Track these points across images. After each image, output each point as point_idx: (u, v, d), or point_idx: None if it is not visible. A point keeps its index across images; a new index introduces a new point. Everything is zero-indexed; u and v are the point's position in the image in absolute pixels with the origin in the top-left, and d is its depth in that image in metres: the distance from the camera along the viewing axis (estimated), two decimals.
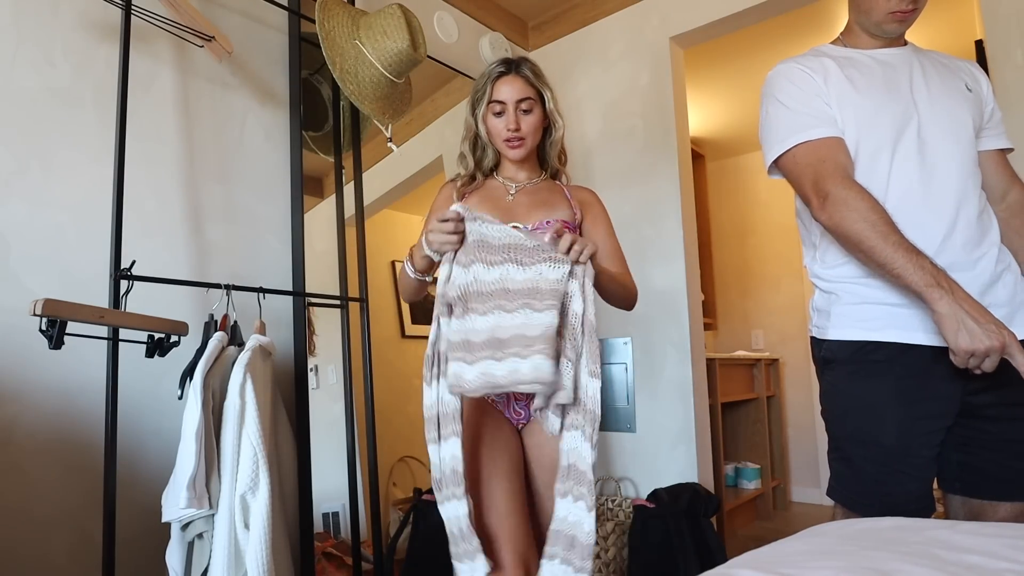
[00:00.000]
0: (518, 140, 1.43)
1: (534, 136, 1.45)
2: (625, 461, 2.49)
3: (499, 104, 1.42)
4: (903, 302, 1.16)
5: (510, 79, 1.42)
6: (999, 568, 0.68)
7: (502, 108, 1.42)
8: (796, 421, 4.12)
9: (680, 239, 2.43)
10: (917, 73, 1.26)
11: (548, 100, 1.45)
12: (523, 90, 1.42)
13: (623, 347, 2.53)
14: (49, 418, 1.42)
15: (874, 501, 1.18)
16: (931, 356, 1.15)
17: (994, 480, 1.18)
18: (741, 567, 0.73)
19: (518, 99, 1.41)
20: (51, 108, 1.49)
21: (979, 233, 1.19)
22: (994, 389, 1.16)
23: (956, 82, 1.28)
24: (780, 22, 2.73)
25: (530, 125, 1.43)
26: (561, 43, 2.85)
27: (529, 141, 1.44)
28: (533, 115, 1.44)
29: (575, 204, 1.49)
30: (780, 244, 4.24)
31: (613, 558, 2.04)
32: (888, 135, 1.21)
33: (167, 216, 1.67)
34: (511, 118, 1.41)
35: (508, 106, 1.41)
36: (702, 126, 3.98)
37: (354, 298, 1.96)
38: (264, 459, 1.37)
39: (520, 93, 1.42)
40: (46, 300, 1.16)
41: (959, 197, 1.19)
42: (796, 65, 1.29)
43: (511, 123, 1.41)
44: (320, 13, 1.74)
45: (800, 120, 1.24)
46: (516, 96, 1.41)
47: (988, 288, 1.16)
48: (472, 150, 1.50)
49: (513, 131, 1.42)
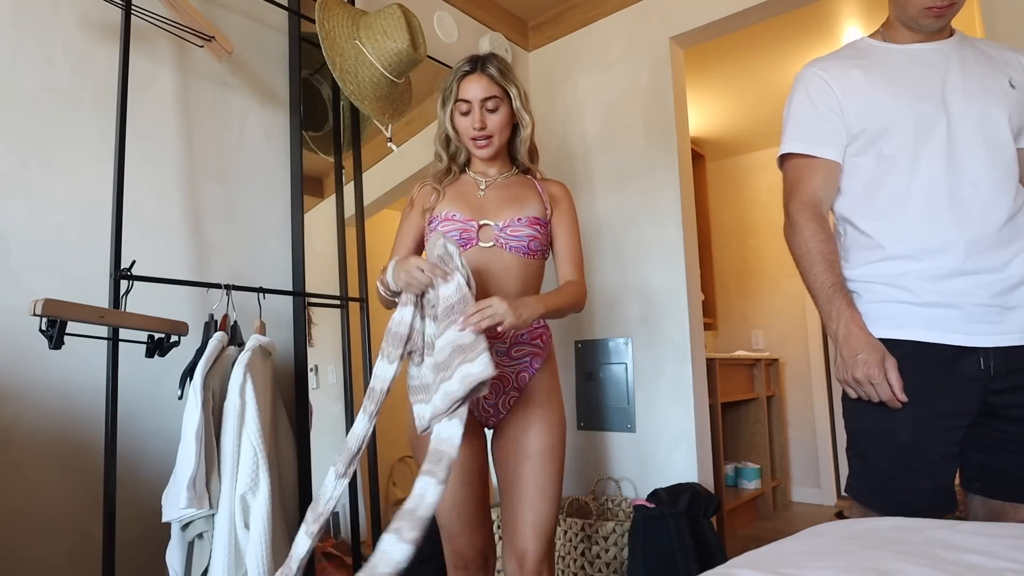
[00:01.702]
0: (484, 139, 1.44)
1: (501, 134, 1.46)
2: (625, 461, 2.49)
3: (465, 103, 1.43)
4: (923, 301, 1.17)
5: (475, 77, 1.42)
6: (999, 568, 0.68)
7: (468, 107, 1.43)
8: (796, 421, 4.12)
9: (680, 239, 2.43)
10: (955, 70, 1.24)
11: (515, 98, 1.45)
12: (488, 88, 1.42)
13: (623, 347, 2.53)
14: (49, 418, 1.42)
15: (888, 498, 1.18)
16: (951, 355, 1.16)
17: (1015, 482, 1.18)
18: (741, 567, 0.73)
19: (483, 97, 1.42)
20: (51, 108, 1.49)
21: (1010, 236, 1.18)
22: (1017, 390, 1.16)
23: (999, 78, 1.25)
24: (780, 22, 2.74)
25: (496, 123, 1.44)
26: (561, 43, 2.85)
27: (496, 139, 1.45)
28: (499, 113, 1.43)
29: (546, 199, 1.50)
30: (780, 244, 4.20)
31: (613, 558, 2.04)
32: (912, 138, 1.21)
33: (167, 216, 1.67)
34: (476, 117, 1.42)
35: (474, 104, 1.42)
36: (702, 126, 3.98)
37: (354, 298, 1.96)
38: (264, 459, 1.37)
39: (485, 91, 1.42)
40: (46, 300, 1.16)
41: (987, 201, 1.18)
42: (818, 72, 1.32)
43: (476, 122, 1.42)
44: (320, 13, 1.74)
45: (799, 132, 1.32)
46: (481, 94, 1.41)
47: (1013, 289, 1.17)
48: (445, 147, 1.51)
49: (479, 129, 1.42)
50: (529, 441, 1.38)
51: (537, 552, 1.34)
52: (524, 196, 1.48)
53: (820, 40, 3.03)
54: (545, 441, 1.38)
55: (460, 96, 1.43)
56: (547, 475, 1.37)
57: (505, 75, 1.44)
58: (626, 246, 2.55)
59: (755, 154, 4.40)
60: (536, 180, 1.54)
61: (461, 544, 1.40)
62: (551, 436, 1.39)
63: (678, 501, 2.00)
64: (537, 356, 1.43)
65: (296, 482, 1.67)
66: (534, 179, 1.54)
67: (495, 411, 1.43)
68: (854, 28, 2.95)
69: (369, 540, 1.90)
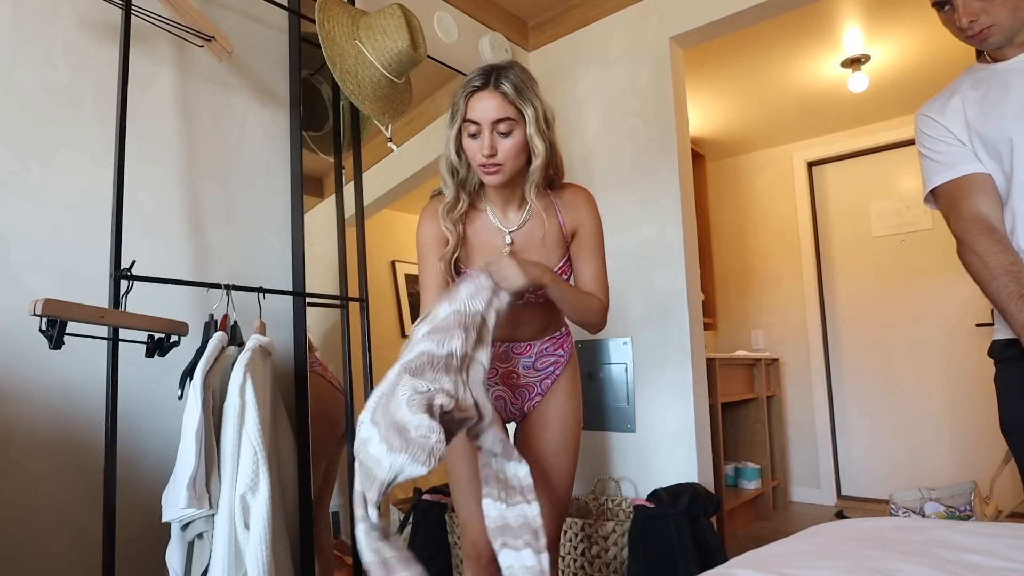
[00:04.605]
0: (494, 167, 1.26)
1: (514, 161, 1.27)
2: (625, 461, 2.49)
3: (474, 124, 1.25)
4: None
5: (487, 95, 1.23)
6: (999, 567, 0.68)
7: (477, 129, 1.25)
8: (796, 421, 4.12)
9: (680, 239, 2.43)
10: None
11: (530, 122, 1.25)
12: (500, 109, 1.23)
13: (623, 347, 2.53)
14: (49, 418, 1.42)
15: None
16: None
17: None
18: (741, 567, 0.73)
19: (494, 119, 1.23)
20: (51, 108, 1.49)
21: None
22: None
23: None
24: (780, 22, 2.73)
25: (508, 150, 1.25)
26: (561, 43, 2.85)
27: (508, 167, 1.27)
28: (512, 138, 1.25)
29: (567, 230, 1.38)
30: (780, 244, 4.24)
31: (613, 558, 2.04)
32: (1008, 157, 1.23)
33: (167, 216, 1.67)
34: (486, 141, 1.24)
35: (483, 127, 1.24)
36: (702, 126, 3.98)
37: (354, 298, 1.96)
38: (264, 459, 1.37)
39: (497, 113, 1.23)
40: (46, 300, 1.16)
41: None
42: (924, 115, 1.38)
43: (485, 147, 1.24)
44: (320, 13, 1.74)
45: (934, 166, 1.35)
46: (492, 116, 1.23)
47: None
48: (452, 174, 1.33)
49: (487, 156, 1.24)
50: (548, 439, 1.44)
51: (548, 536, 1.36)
52: (549, 240, 1.36)
53: (820, 40, 3.03)
54: (562, 439, 1.45)
55: (468, 116, 1.25)
56: (561, 469, 1.44)
57: (522, 93, 1.24)
58: (626, 246, 2.55)
59: (755, 154, 4.40)
60: (556, 201, 1.38)
61: (475, 534, 1.39)
62: (567, 432, 1.46)
63: (678, 501, 2.00)
64: (559, 364, 1.49)
65: (296, 482, 1.67)
66: (556, 207, 1.38)
67: (520, 413, 1.49)
68: (854, 28, 2.95)
69: None
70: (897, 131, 3.87)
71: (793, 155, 4.24)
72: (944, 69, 3.27)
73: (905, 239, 3.90)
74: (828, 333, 4.12)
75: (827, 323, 4.12)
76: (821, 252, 4.15)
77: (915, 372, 3.80)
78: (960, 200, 1.29)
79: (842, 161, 4.14)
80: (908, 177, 3.90)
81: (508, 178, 1.29)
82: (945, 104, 1.34)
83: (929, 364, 3.76)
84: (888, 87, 3.49)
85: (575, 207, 1.39)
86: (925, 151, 1.38)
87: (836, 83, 3.40)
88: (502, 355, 1.45)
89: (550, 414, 1.46)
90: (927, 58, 3.20)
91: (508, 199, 1.37)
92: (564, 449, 1.45)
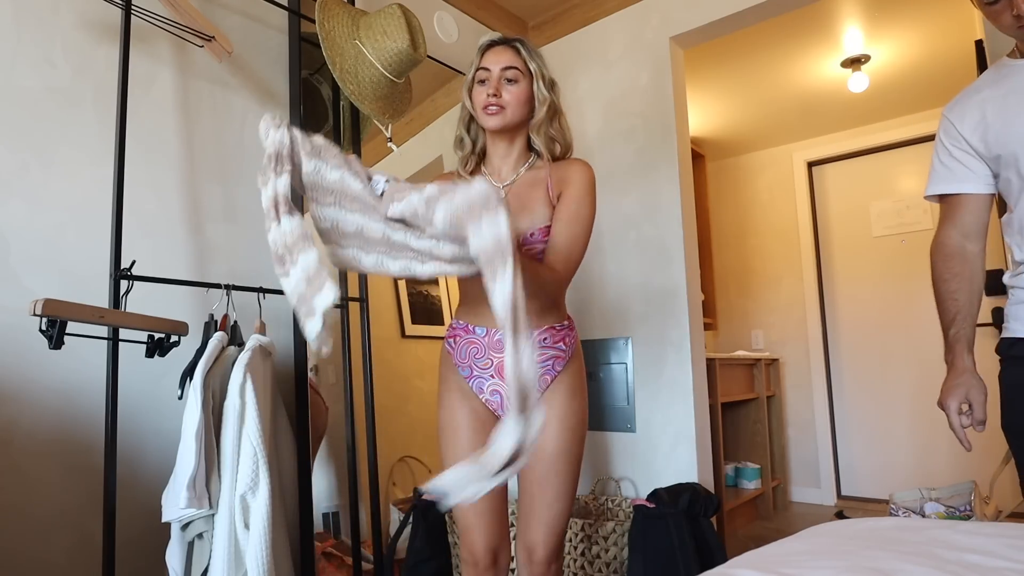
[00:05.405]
0: (496, 107, 1.34)
1: (516, 109, 1.36)
2: (625, 461, 2.49)
3: (484, 71, 1.35)
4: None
5: (500, 48, 1.37)
6: (999, 567, 0.68)
7: (486, 75, 1.35)
8: (796, 421, 4.12)
9: (680, 239, 2.43)
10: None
11: (537, 77, 1.36)
12: (510, 59, 1.35)
13: (623, 347, 2.53)
14: (49, 418, 1.42)
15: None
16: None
17: None
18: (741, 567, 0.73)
19: (503, 66, 1.34)
20: (51, 108, 1.49)
21: None
22: None
23: None
24: (780, 22, 2.73)
25: (512, 95, 1.34)
26: (561, 43, 2.84)
27: (509, 113, 1.35)
28: (518, 86, 1.35)
29: (553, 192, 1.37)
30: (780, 244, 4.24)
31: (613, 558, 2.04)
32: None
33: (167, 216, 1.67)
34: (493, 84, 1.34)
35: (492, 72, 1.34)
36: (702, 126, 3.98)
37: (354, 298, 1.96)
38: (264, 459, 1.37)
39: (506, 62, 1.34)
40: (46, 300, 1.16)
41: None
42: (947, 114, 1.39)
43: (492, 88, 1.33)
44: (320, 13, 1.74)
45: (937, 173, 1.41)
46: (501, 64, 1.34)
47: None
48: (467, 129, 1.44)
49: (491, 96, 1.33)
50: (546, 441, 1.36)
51: (547, 547, 1.36)
52: (534, 200, 1.37)
53: (820, 40, 3.03)
54: (562, 441, 1.37)
55: (480, 65, 1.36)
56: (561, 475, 1.37)
57: (532, 53, 1.37)
58: (626, 246, 2.54)
59: (755, 154, 4.40)
60: (548, 166, 1.40)
61: (472, 539, 1.39)
62: (568, 433, 1.38)
63: (678, 501, 2.00)
64: (559, 359, 1.41)
65: (296, 482, 1.67)
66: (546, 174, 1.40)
67: None
68: (854, 28, 2.95)
69: (369, 540, 1.90)
70: (897, 131, 3.87)
71: (793, 155, 4.24)
72: (944, 69, 3.27)
73: (905, 239, 3.90)
74: (828, 333, 4.12)
75: (827, 323, 4.13)
76: (821, 252, 4.16)
77: (915, 372, 3.80)
78: (945, 218, 1.40)
79: (842, 161, 4.14)
80: (908, 177, 3.90)
81: (507, 124, 1.36)
82: (966, 106, 1.34)
83: (929, 364, 3.75)
84: (888, 87, 3.49)
85: (566, 171, 1.40)
86: (937, 152, 1.41)
87: (836, 83, 3.40)
88: (496, 344, 1.37)
89: (549, 414, 1.37)
90: (927, 58, 3.21)
91: (505, 155, 1.43)
92: (564, 451, 1.37)
